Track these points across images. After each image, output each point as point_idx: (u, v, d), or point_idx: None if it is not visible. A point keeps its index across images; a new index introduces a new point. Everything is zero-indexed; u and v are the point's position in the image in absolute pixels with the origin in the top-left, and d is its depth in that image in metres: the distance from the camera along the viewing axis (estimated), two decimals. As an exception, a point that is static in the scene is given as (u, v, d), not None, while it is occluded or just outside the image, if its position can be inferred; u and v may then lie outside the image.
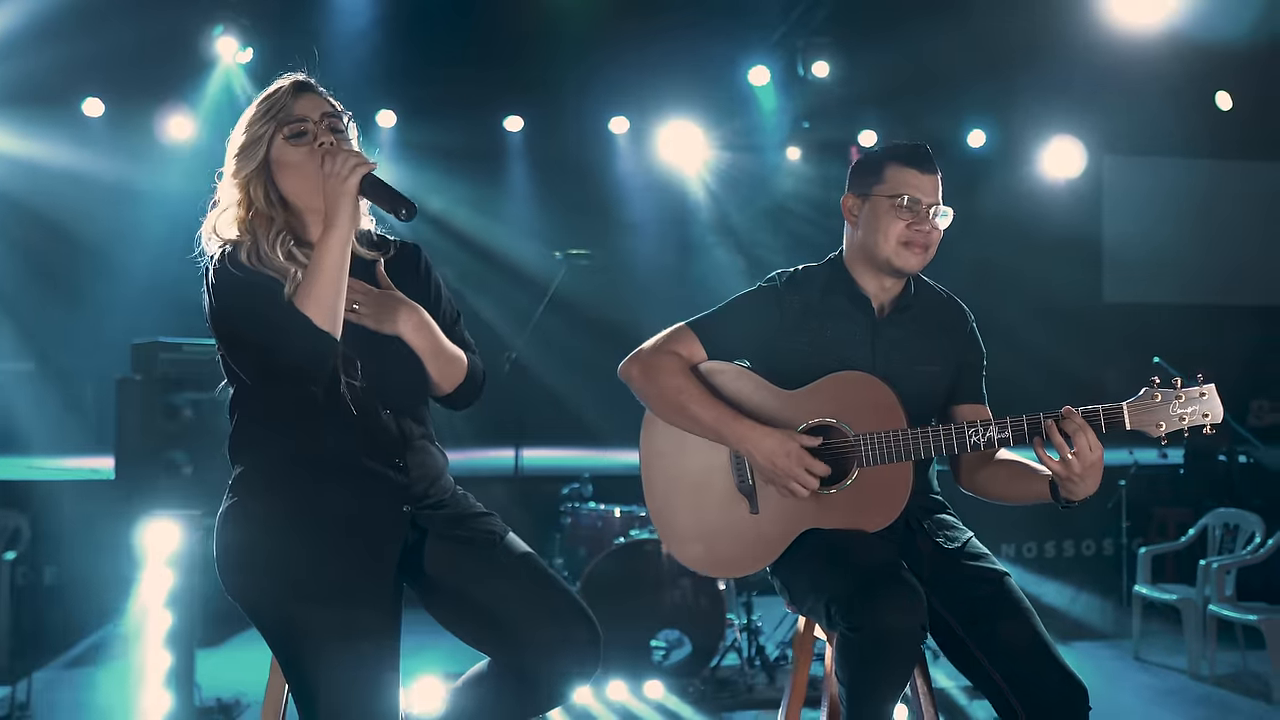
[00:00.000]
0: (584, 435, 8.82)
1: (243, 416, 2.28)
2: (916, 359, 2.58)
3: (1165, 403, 2.30)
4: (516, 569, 2.28)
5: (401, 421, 2.29)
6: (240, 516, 2.23)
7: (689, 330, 2.59)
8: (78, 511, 6.05)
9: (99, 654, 5.44)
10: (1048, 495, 2.41)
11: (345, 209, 2.13)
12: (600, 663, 2.26)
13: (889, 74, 8.83)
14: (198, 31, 8.04)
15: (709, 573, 2.62)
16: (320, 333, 2.09)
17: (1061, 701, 2.32)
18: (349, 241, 2.15)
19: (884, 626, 2.18)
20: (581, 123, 9.80)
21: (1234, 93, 8.87)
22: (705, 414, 2.49)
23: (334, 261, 2.11)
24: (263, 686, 2.37)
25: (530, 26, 8.32)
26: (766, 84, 9.35)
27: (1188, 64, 8.03)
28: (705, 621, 4.70)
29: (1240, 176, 10.45)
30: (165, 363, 5.74)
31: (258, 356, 2.13)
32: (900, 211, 2.51)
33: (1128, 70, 8.08)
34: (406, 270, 2.41)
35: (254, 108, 2.30)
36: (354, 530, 2.19)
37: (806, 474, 2.41)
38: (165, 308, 8.33)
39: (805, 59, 8.75)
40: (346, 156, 2.15)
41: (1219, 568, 5.41)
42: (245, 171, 2.27)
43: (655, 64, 8.64)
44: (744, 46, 9.13)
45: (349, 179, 2.12)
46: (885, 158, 2.58)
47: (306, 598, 2.12)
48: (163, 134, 8.84)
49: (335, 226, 2.12)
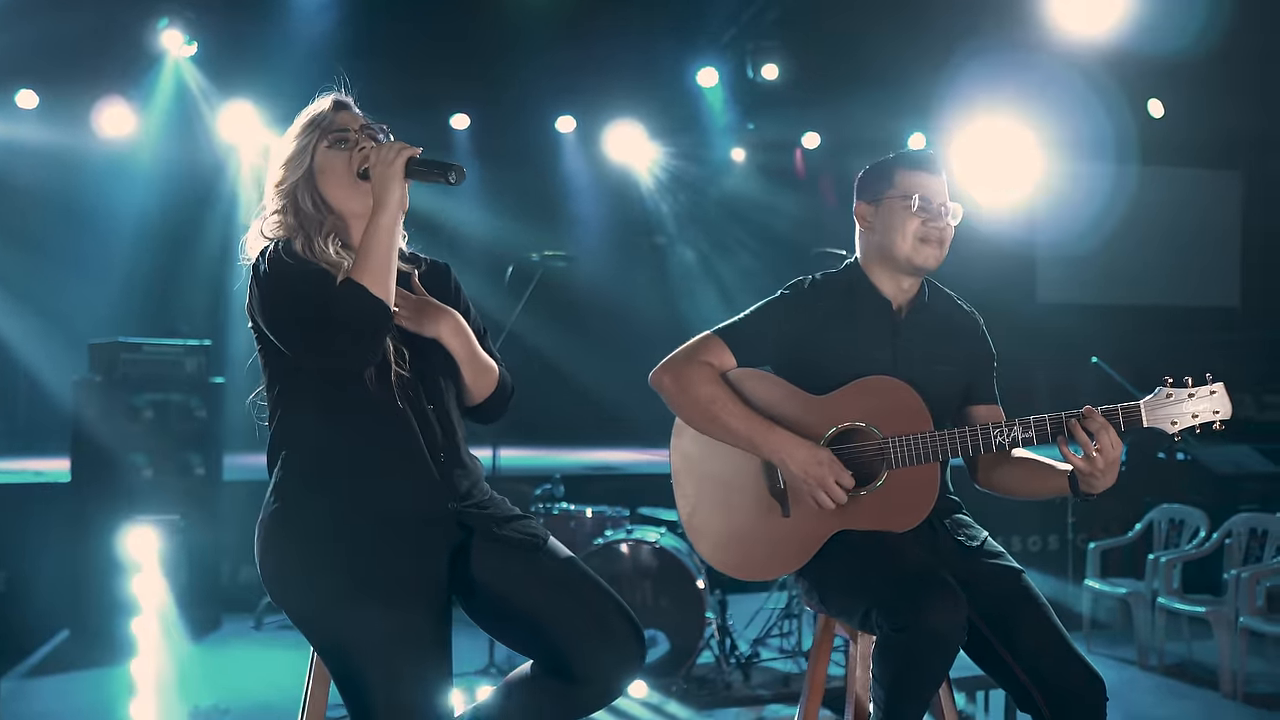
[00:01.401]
0: (554, 435, 8.85)
1: (286, 413, 2.28)
2: (934, 359, 2.66)
3: (1178, 401, 2.41)
4: (561, 573, 2.30)
5: (443, 418, 2.33)
6: (286, 523, 2.22)
7: (718, 339, 2.64)
8: (31, 516, 5.90)
9: (61, 662, 5.32)
10: (1067, 489, 2.51)
11: (394, 191, 2.19)
12: (644, 664, 2.31)
13: (835, 77, 8.99)
14: (141, 24, 7.88)
15: (739, 576, 2.67)
16: (376, 299, 2.13)
17: (1082, 695, 2.41)
18: (398, 223, 2.22)
19: (929, 627, 2.25)
20: (528, 121, 9.78)
21: (1166, 101, 9.16)
22: (738, 424, 2.54)
23: (385, 240, 2.17)
24: (240, 693, 2.36)
25: (478, 24, 8.30)
26: (715, 85, 9.42)
27: (1122, 72, 8.29)
28: (683, 620, 4.74)
29: (1169, 183, 10.81)
30: (126, 363, 5.61)
31: (313, 334, 2.14)
32: (915, 211, 2.60)
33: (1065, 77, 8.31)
34: (438, 285, 2.48)
35: (298, 123, 2.41)
36: (404, 531, 2.21)
37: (836, 485, 2.48)
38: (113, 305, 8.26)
39: (755, 61, 8.83)
40: (391, 143, 2.24)
41: (1167, 561, 5.60)
42: (291, 179, 2.36)
43: (603, 64, 8.67)
44: (693, 48, 9.19)
45: (395, 161, 2.20)
46: (895, 164, 2.68)
47: (360, 605, 2.12)
48: (101, 128, 8.64)
49: (384, 208, 2.19)
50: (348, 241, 2.34)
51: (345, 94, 2.46)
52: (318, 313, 2.13)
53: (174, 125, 8.42)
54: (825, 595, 2.56)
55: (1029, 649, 2.44)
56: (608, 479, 6.60)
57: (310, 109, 2.42)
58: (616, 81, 9.13)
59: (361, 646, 2.12)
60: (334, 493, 2.22)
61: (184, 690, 4.61)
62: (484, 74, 8.84)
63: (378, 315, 2.14)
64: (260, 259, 2.27)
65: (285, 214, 2.34)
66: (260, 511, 2.28)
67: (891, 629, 2.29)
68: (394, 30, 8.26)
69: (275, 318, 2.19)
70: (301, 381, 2.26)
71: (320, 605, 2.16)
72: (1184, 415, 2.40)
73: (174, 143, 8.57)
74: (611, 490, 5.88)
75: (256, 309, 2.24)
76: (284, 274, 2.22)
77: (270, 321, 2.20)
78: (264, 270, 2.23)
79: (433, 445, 2.28)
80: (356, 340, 2.14)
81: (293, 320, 2.17)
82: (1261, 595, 5.22)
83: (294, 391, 2.28)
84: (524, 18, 8.12)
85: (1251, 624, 5.07)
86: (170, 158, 8.65)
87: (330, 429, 2.25)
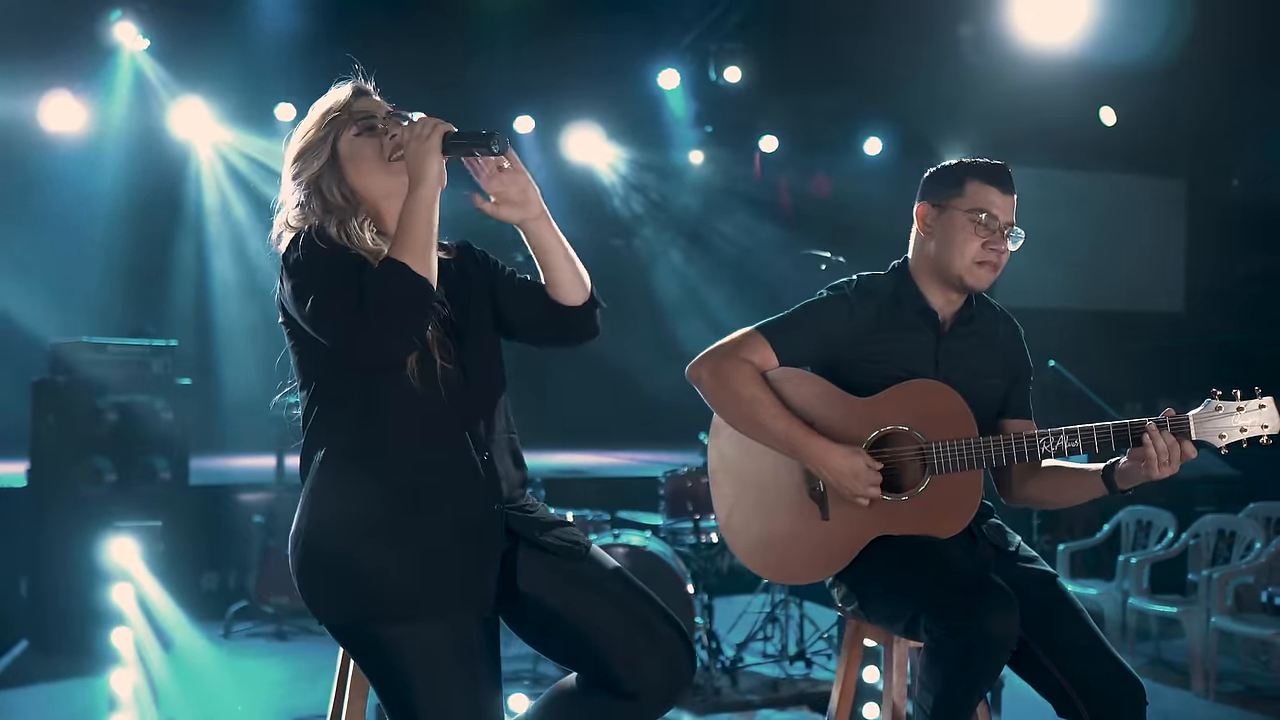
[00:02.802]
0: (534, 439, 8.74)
1: (323, 411, 2.15)
2: (977, 372, 2.64)
3: (1227, 414, 2.41)
4: (608, 583, 2.23)
5: (487, 414, 2.24)
6: (324, 529, 2.11)
7: (761, 336, 2.58)
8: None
9: (21, 675, 5.13)
10: (1103, 490, 2.52)
11: (431, 167, 2.09)
12: (692, 677, 2.25)
13: (796, 80, 9.01)
14: (92, 16, 7.66)
15: (778, 579, 2.65)
16: (419, 277, 2.03)
17: (1123, 699, 2.41)
18: (436, 200, 2.11)
19: (984, 631, 2.24)
20: (486, 121, 9.61)
21: (1118, 109, 9.32)
22: (777, 427, 2.51)
23: (424, 216, 2.07)
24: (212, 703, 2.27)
25: (436, 22, 8.20)
26: (676, 87, 9.40)
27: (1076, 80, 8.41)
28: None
29: (1117, 189, 11.01)
30: (90, 364, 5.43)
31: (354, 320, 2.00)
32: (978, 229, 2.55)
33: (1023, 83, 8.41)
34: (469, 261, 2.40)
35: (315, 112, 2.30)
36: (451, 536, 2.11)
37: (876, 491, 2.46)
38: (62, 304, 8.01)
39: (717, 63, 8.82)
40: (425, 120, 2.14)
41: (1137, 562, 5.67)
42: (310, 171, 2.25)
43: (563, 64, 8.60)
44: (654, 49, 9.15)
45: (430, 138, 2.10)
46: (968, 173, 2.61)
47: (407, 615, 2.04)
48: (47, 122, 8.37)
49: (423, 182, 2.09)
50: (382, 229, 2.23)
51: (365, 81, 2.34)
52: (358, 298, 2.00)
53: (129, 119, 8.19)
54: (866, 599, 2.54)
55: (1069, 653, 2.43)
56: (585, 482, 6.54)
57: (328, 98, 2.30)
58: (576, 82, 9.06)
59: (409, 661, 2.03)
60: (375, 498, 2.10)
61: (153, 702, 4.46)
62: (441, 73, 8.72)
63: (421, 293, 2.03)
64: (291, 246, 2.13)
65: (309, 205, 2.22)
66: (294, 520, 2.17)
67: (944, 633, 2.27)
68: (350, 27, 8.12)
69: (313, 307, 2.04)
70: (340, 377, 2.13)
71: (365, 618, 2.06)
72: (1232, 429, 2.40)
73: (130, 138, 8.34)
74: (589, 494, 5.83)
75: (290, 300, 2.10)
76: (319, 259, 2.09)
77: (307, 311, 2.05)
78: (296, 258, 2.10)
79: (478, 445, 2.18)
80: (400, 323, 2.01)
81: (332, 308, 2.03)
82: (1230, 595, 5.32)
83: (332, 388, 2.15)
84: (483, 17, 8.04)
85: (1222, 624, 5.16)
86: (127, 154, 8.41)
87: (372, 427, 2.12)
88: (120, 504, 5.39)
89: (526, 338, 2.41)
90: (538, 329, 2.38)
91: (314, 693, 4.83)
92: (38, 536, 5.42)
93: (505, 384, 2.33)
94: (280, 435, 5.94)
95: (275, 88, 8.59)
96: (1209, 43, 7.76)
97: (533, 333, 2.39)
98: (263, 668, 5.26)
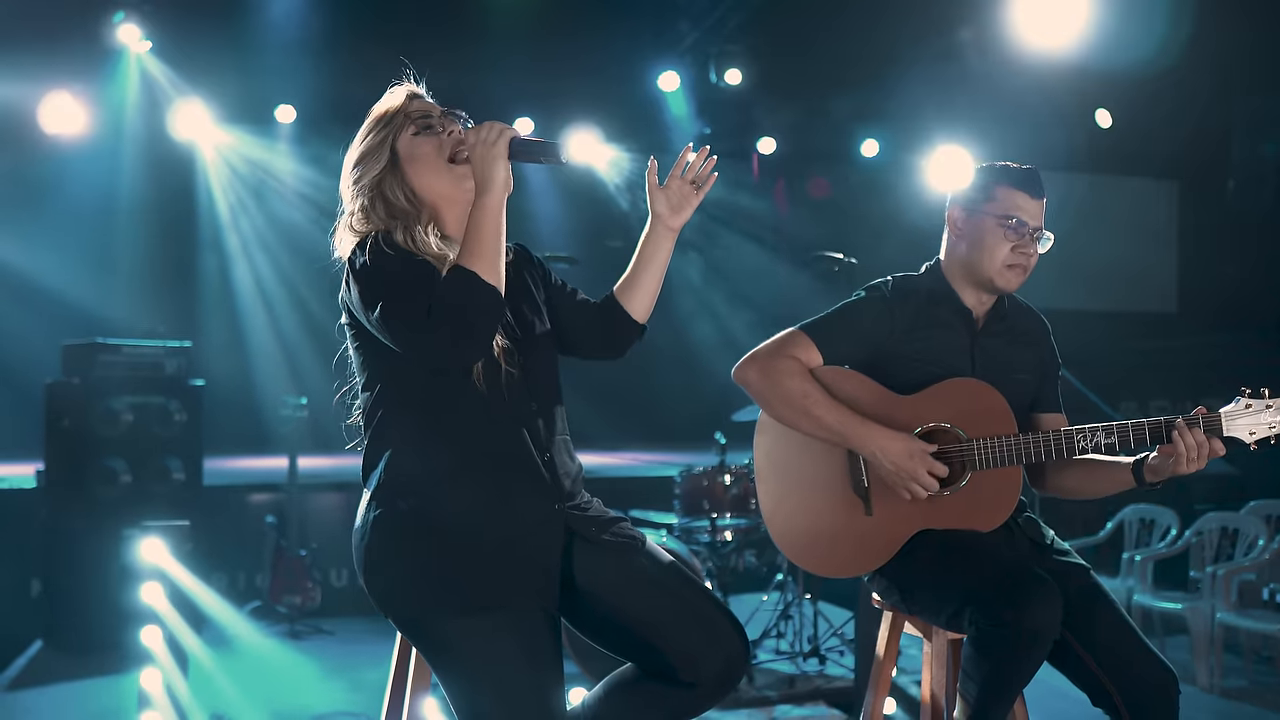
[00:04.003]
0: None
1: (388, 414, 2.19)
2: (1011, 368, 2.71)
3: (1257, 411, 2.48)
4: (663, 575, 2.29)
5: (546, 416, 2.28)
6: (392, 530, 2.15)
7: (804, 335, 2.64)
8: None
9: (38, 674, 5.14)
10: (1132, 483, 2.58)
11: (498, 173, 2.12)
12: (747, 664, 2.31)
13: (796, 82, 9.08)
14: (95, 18, 7.66)
15: (822, 573, 2.68)
16: (489, 286, 2.06)
17: (1156, 688, 2.47)
18: (503, 205, 2.14)
19: (1030, 622, 2.29)
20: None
21: (1114, 112, 9.41)
22: (829, 417, 2.56)
23: (493, 223, 2.11)
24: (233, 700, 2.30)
25: (437, 25, 8.22)
26: (676, 90, 9.45)
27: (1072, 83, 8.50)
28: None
29: (1112, 191, 11.12)
30: (103, 365, 5.43)
31: (424, 327, 2.04)
32: (1008, 233, 2.62)
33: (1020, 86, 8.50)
34: (527, 265, 2.45)
35: (372, 116, 2.34)
36: (515, 535, 2.16)
37: (928, 475, 2.50)
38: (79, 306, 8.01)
39: (718, 65, 8.88)
40: (491, 124, 2.16)
41: (1142, 560, 5.74)
42: (371, 175, 2.28)
43: (563, 66, 8.65)
44: (654, 52, 9.21)
45: (498, 143, 2.13)
46: (998, 178, 2.68)
47: (475, 612, 2.09)
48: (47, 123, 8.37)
49: (490, 189, 2.12)
50: (445, 232, 2.27)
51: (417, 84, 2.39)
52: (428, 305, 2.04)
53: (133, 121, 8.20)
54: (909, 593, 2.59)
55: (1104, 645, 2.48)
56: (597, 481, 6.56)
57: (382, 103, 2.35)
58: (577, 84, 9.10)
59: (476, 654, 2.08)
60: (441, 497, 2.15)
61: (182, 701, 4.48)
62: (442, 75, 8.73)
63: (492, 303, 2.06)
64: (358, 251, 2.16)
65: (373, 209, 2.26)
66: (358, 518, 2.21)
67: (989, 625, 2.32)
68: (351, 31, 8.15)
69: (382, 312, 2.07)
70: (406, 380, 2.17)
71: (433, 614, 2.11)
72: (1262, 425, 2.47)
73: (134, 139, 8.36)
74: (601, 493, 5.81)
75: (357, 304, 2.13)
76: (388, 266, 2.12)
77: (376, 316, 2.08)
78: (364, 263, 2.13)
79: (539, 445, 2.23)
80: (471, 330, 2.05)
81: (401, 314, 2.06)
82: (1234, 591, 5.40)
83: (397, 391, 2.19)
84: (484, 19, 8.08)
85: (1227, 619, 5.23)
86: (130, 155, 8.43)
87: (437, 430, 2.16)
88: (135, 505, 5.40)
89: (572, 347, 2.49)
90: (587, 339, 2.47)
91: (327, 691, 4.87)
92: (51, 537, 5.43)
93: (561, 388, 2.37)
94: (291, 436, 5.98)
95: (276, 89, 8.62)
96: (1203, 45, 7.86)
97: (581, 342, 2.48)
98: (278, 664, 5.29)
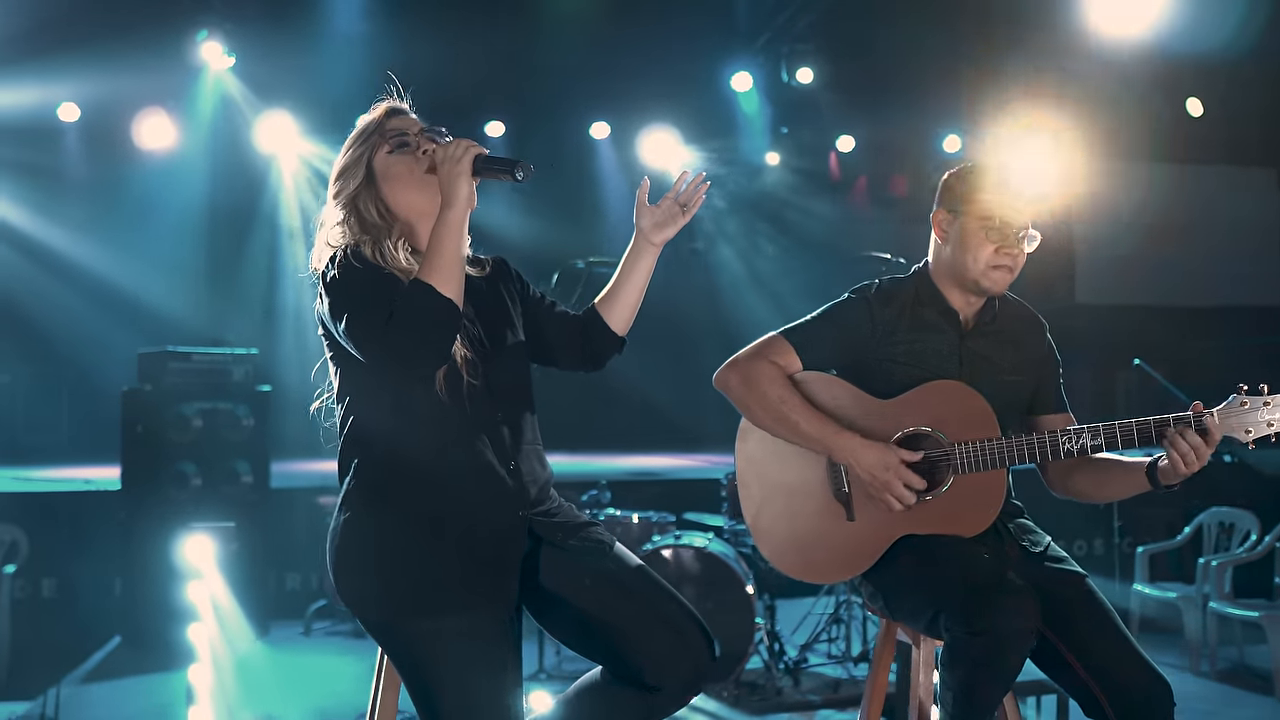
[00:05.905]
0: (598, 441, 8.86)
1: (358, 421, 2.27)
2: (1001, 370, 2.65)
3: (1253, 409, 2.39)
4: (630, 579, 2.31)
5: (513, 426, 2.33)
6: (358, 532, 2.23)
7: (784, 340, 2.64)
8: (80, 523, 5.98)
9: (114, 668, 5.37)
10: (1147, 485, 2.49)
11: (461, 189, 2.18)
12: (714, 670, 2.31)
13: (870, 80, 8.97)
14: (180, 37, 7.96)
15: (805, 579, 2.67)
16: (445, 299, 2.12)
17: (1149, 699, 2.40)
18: (465, 221, 2.20)
19: (1002, 630, 2.25)
20: (562, 128, 9.81)
21: (1205, 100, 9.09)
22: (807, 424, 2.55)
23: (453, 238, 2.16)
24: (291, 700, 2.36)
25: (513, 31, 8.34)
26: (749, 90, 9.42)
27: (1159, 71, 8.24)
28: (732, 626, 4.72)
29: (1209, 181, 10.73)
30: (175, 372, 5.66)
31: (383, 336, 2.11)
32: (990, 234, 2.58)
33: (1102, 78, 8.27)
34: (503, 277, 2.51)
35: (353, 134, 2.41)
36: (477, 540, 2.21)
37: (904, 488, 2.47)
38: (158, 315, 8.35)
39: (789, 65, 8.83)
40: (458, 142, 2.22)
41: (1218, 565, 5.53)
42: (348, 190, 2.36)
43: (636, 69, 8.70)
44: (726, 52, 9.20)
45: (462, 159, 2.19)
46: (976, 180, 2.64)
47: (435, 614, 2.14)
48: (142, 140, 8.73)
49: (452, 205, 2.17)
50: (416, 247, 2.34)
51: (400, 100, 2.45)
52: (388, 316, 2.11)
53: (216, 136, 8.50)
54: (891, 599, 2.56)
55: (1095, 653, 2.42)
56: (652, 484, 6.60)
57: (364, 118, 2.42)
58: (650, 87, 9.15)
59: (437, 656, 2.13)
60: (406, 502, 2.22)
61: (236, 697, 4.64)
62: (518, 81, 8.87)
63: (447, 315, 2.13)
64: (329, 265, 2.25)
65: (348, 223, 2.33)
66: (331, 521, 2.29)
67: (963, 632, 2.29)
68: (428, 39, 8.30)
69: (346, 322, 2.16)
70: (373, 389, 2.25)
71: (396, 615, 2.17)
72: (1259, 424, 2.38)
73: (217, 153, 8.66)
74: (656, 496, 5.89)
75: (327, 315, 2.22)
76: (353, 278, 2.20)
77: (342, 328, 2.17)
78: (334, 276, 2.21)
79: (502, 454, 2.28)
80: (425, 341, 2.12)
81: (364, 324, 2.14)
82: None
83: (366, 399, 2.27)
84: (557, 24, 8.16)
85: (1310, 629, 5.02)
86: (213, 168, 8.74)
87: (402, 438, 2.24)
88: (205, 507, 5.60)
89: (550, 358, 2.54)
90: (566, 350, 2.52)
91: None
92: (129, 538, 5.67)
93: (532, 398, 2.42)
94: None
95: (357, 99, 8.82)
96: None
97: (560, 353, 2.53)
98: (340, 665, 5.43)
